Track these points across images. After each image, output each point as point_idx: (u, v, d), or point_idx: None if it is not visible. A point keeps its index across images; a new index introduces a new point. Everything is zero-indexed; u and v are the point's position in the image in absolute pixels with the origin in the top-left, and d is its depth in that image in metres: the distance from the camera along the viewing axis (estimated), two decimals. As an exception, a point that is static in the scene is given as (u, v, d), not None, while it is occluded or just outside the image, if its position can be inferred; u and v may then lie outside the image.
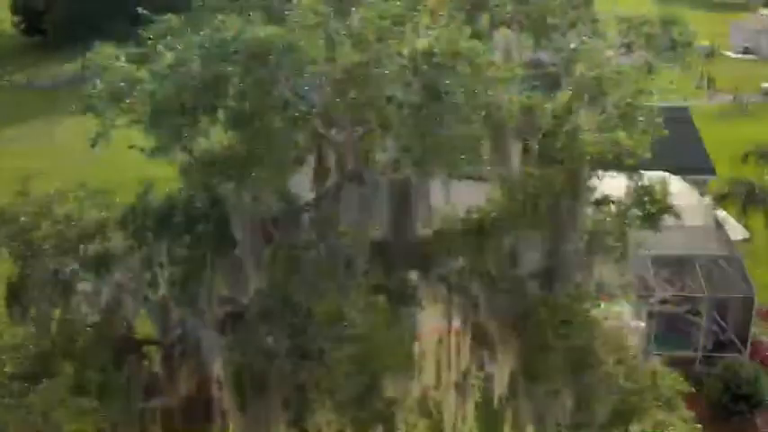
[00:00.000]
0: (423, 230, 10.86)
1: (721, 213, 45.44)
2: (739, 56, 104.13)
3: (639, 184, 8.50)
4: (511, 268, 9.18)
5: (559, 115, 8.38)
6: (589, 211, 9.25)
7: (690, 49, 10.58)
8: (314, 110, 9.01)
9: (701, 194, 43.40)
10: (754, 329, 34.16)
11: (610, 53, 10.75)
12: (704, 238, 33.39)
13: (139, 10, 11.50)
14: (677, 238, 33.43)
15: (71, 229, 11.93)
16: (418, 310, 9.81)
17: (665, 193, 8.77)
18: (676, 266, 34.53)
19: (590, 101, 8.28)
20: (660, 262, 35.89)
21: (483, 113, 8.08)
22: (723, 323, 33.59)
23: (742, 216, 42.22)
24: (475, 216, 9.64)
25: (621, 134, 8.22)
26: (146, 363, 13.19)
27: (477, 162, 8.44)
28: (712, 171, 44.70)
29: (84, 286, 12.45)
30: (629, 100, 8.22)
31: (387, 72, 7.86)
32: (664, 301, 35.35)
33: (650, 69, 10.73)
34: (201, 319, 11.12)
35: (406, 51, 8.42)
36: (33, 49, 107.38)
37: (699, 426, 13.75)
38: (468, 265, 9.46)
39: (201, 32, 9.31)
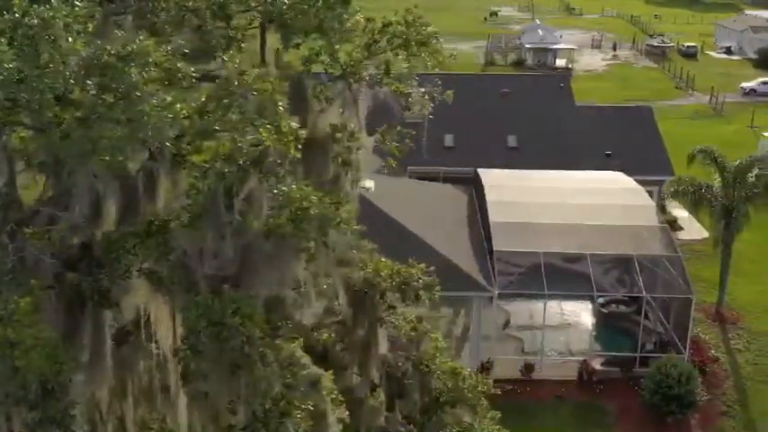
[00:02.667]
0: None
1: (683, 213, 45.55)
2: (722, 56, 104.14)
3: (279, 188, 8.19)
4: (187, 269, 9.08)
5: (191, 115, 8.23)
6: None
7: (426, 48, 10.41)
8: None
9: (661, 194, 43.44)
10: (697, 330, 34.21)
11: (357, 53, 10.64)
12: (649, 239, 33.32)
13: None
14: (623, 238, 33.47)
15: None
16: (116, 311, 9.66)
17: (305, 196, 8.35)
18: (623, 267, 34.56)
19: (219, 101, 8.13)
20: (607, 262, 35.95)
21: (124, 117, 7.97)
22: (667, 323, 33.57)
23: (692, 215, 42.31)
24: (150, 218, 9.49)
25: (265, 135, 8.08)
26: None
27: (118, 165, 8.27)
28: (671, 171, 44.74)
29: None
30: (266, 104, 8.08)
31: (48, 72, 7.80)
32: (613, 302, 35.40)
33: (387, 69, 10.54)
34: None
35: (84, 53, 8.34)
36: None
37: (500, 427, 13.69)
38: (136, 266, 9.33)
39: None
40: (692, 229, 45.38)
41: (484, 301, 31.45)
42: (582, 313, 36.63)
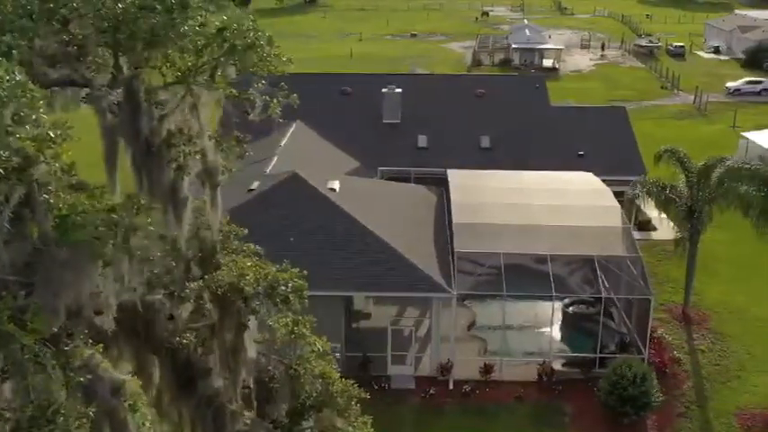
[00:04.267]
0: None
1: (655, 213, 45.45)
2: (711, 55, 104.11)
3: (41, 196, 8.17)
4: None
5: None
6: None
7: (254, 52, 10.30)
8: None
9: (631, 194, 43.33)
10: (661, 330, 34.22)
11: (190, 59, 10.57)
12: (611, 240, 33.32)
13: None
14: (585, 239, 33.45)
15: None
16: None
17: (76, 202, 8.32)
18: (585, 268, 34.56)
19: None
20: (569, 263, 35.95)
21: None
22: (629, 324, 33.58)
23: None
24: None
25: (25, 143, 8.03)
26: None
27: None
28: (643, 171, 44.66)
29: None
30: (23, 111, 7.96)
31: None
32: (579, 302, 35.36)
33: (213, 74, 10.45)
34: None
35: None
36: None
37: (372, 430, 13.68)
38: None
39: None
40: (666, 229, 45.28)
41: (445, 302, 31.41)
42: (554, 314, 36.57)
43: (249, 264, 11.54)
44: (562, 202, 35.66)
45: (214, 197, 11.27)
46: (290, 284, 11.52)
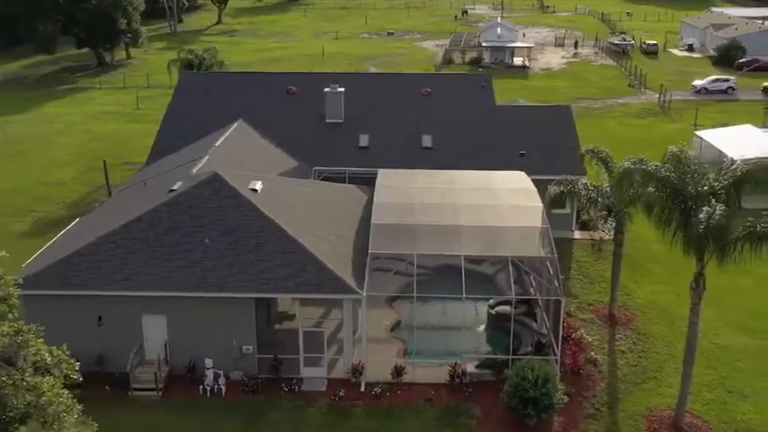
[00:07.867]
0: None
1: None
2: (684, 53, 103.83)
3: None
4: None
5: None
6: None
7: None
8: None
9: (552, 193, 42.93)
10: (581, 331, 34.03)
11: None
12: (528, 240, 33.09)
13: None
14: (502, 239, 33.18)
15: None
16: None
17: None
18: (500, 268, 34.32)
19: None
20: (491, 264, 35.71)
21: None
22: (548, 324, 33.35)
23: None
24: None
25: None
26: None
27: None
28: (583, 170, 44.39)
29: None
30: None
31: None
32: (504, 303, 35.12)
33: None
34: None
35: None
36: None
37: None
38: None
39: None
40: (606, 229, 45.06)
41: (356, 303, 31.16)
42: (465, 315, 35.98)
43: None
44: (486, 202, 35.42)
45: None
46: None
